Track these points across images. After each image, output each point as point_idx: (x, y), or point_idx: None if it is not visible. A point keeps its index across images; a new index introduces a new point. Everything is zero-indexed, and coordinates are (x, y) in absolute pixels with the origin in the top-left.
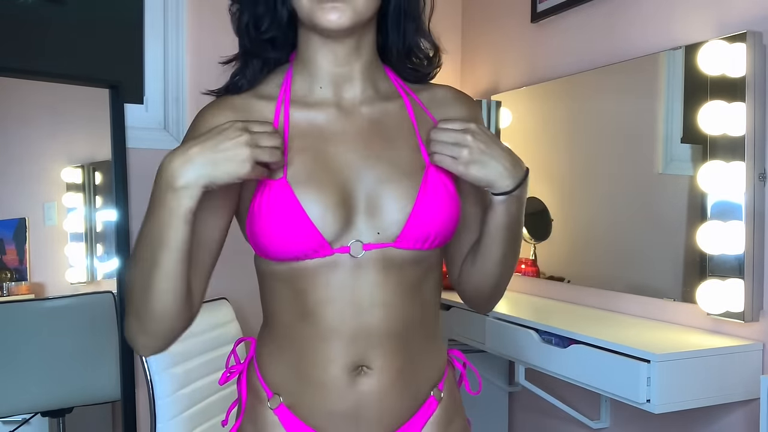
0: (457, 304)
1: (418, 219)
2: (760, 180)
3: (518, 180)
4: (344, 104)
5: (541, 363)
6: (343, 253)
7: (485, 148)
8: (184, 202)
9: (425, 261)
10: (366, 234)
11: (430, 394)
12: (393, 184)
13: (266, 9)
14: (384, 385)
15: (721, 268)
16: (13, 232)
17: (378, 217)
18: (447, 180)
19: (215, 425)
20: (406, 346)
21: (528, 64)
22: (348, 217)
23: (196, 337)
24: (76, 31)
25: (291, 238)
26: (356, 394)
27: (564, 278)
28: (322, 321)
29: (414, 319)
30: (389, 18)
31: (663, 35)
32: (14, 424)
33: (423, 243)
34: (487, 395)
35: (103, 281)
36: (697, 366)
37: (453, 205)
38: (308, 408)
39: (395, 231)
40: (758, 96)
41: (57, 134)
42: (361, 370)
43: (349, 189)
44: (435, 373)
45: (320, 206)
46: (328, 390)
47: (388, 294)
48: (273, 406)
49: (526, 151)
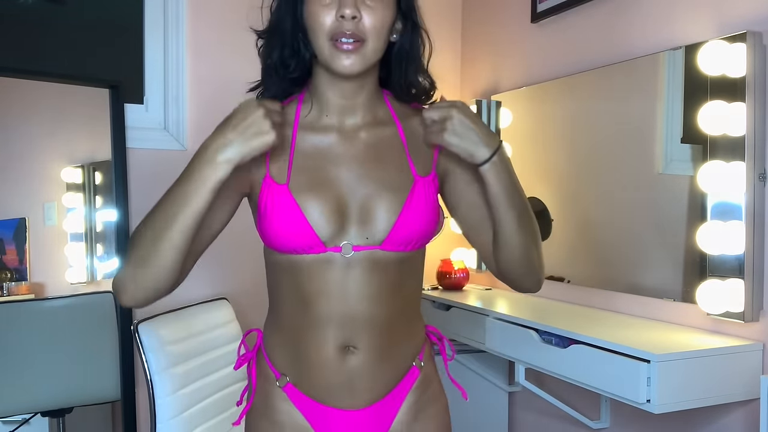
0: (458, 304)
1: (401, 227)
2: (760, 180)
3: (494, 148)
4: (346, 130)
5: (541, 363)
6: (335, 252)
7: (465, 121)
8: (219, 174)
9: (407, 261)
10: (356, 238)
11: (412, 365)
12: (381, 200)
13: (292, 52)
14: (369, 361)
15: (721, 268)
16: (13, 232)
17: (368, 225)
18: (430, 187)
19: (215, 425)
20: (388, 330)
21: (528, 64)
22: (342, 224)
23: (196, 337)
24: (76, 31)
25: (290, 234)
26: (347, 370)
27: (564, 278)
28: (316, 311)
29: (395, 309)
30: (392, 59)
31: (663, 35)
32: (14, 424)
33: (405, 246)
34: (487, 395)
35: (103, 281)
36: (697, 366)
37: (432, 213)
38: (310, 383)
39: (381, 237)
40: (758, 96)
41: (57, 134)
42: (349, 350)
43: (344, 201)
44: (414, 349)
45: (317, 211)
46: (324, 367)
47: (373, 289)
48: (281, 384)
49: (526, 151)
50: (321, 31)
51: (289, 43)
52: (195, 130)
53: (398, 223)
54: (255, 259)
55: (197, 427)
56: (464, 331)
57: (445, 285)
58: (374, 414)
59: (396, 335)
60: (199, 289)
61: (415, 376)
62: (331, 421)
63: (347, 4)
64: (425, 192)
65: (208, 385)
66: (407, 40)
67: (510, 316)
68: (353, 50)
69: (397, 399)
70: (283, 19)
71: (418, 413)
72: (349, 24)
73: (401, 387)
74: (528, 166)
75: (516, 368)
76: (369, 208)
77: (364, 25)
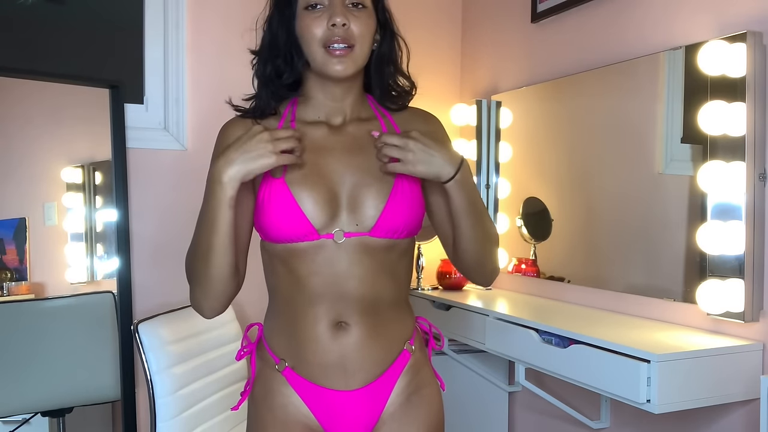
0: (458, 304)
1: (388, 214)
2: (760, 180)
3: (457, 166)
4: (335, 127)
5: (541, 363)
6: (328, 239)
7: (426, 149)
8: (228, 192)
9: (395, 248)
10: (347, 225)
11: (403, 348)
12: (369, 188)
13: (285, 62)
14: (360, 338)
15: (721, 268)
16: (13, 232)
17: (357, 212)
18: (413, 184)
19: (215, 425)
20: (377, 309)
21: (528, 64)
22: (333, 212)
23: (196, 337)
24: (76, 31)
25: (286, 224)
26: (339, 347)
27: (564, 278)
28: (310, 289)
29: (384, 290)
30: (372, 64)
31: (663, 35)
32: (14, 424)
33: (393, 233)
34: (487, 395)
35: (103, 281)
36: (697, 366)
37: (417, 203)
38: (306, 363)
39: (370, 223)
40: (758, 96)
41: (57, 134)
42: (341, 325)
43: (335, 191)
44: (405, 333)
45: (311, 202)
46: (317, 343)
47: (362, 270)
48: (280, 369)
49: (526, 151)
50: (314, 39)
51: (283, 53)
52: (195, 130)
53: (385, 211)
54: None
55: (197, 427)
56: (464, 331)
57: (445, 285)
58: (368, 395)
59: (385, 314)
60: None
61: (406, 359)
62: (328, 402)
63: (337, 14)
64: (408, 183)
65: (208, 385)
66: (386, 47)
67: (510, 316)
68: (344, 55)
69: (389, 381)
70: (276, 34)
71: (410, 395)
72: (340, 30)
73: (393, 369)
74: (528, 166)
75: (516, 368)
76: (357, 195)
77: (353, 32)
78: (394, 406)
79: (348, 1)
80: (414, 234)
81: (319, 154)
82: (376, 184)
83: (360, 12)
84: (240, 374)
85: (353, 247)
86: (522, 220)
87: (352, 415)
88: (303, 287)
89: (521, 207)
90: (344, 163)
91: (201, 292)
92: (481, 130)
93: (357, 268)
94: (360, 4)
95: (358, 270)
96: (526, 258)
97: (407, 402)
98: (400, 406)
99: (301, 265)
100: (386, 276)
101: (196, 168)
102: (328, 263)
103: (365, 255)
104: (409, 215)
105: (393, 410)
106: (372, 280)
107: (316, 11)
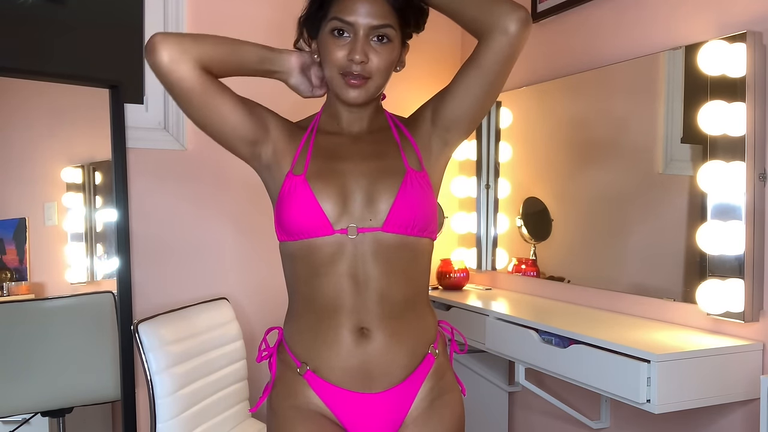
0: (458, 303)
1: (399, 208)
2: (760, 180)
3: None
4: (353, 134)
5: (541, 363)
6: (342, 234)
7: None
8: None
9: (410, 246)
10: (361, 221)
11: (427, 352)
12: (380, 185)
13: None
14: (384, 344)
15: (721, 268)
16: (13, 232)
17: (370, 208)
18: (423, 180)
19: (215, 425)
20: (398, 312)
21: (528, 64)
22: (348, 208)
23: (196, 337)
24: (76, 31)
25: (303, 216)
26: (363, 353)
27: (564, 278)
28: (329, 290)
29: (402, 291)
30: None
31: (663, 35)
32: (14, 424)
33: (405, 229)
34: (487, 395)
35: (103, 281)
36: (697, 366)
37: (427, 197)
38: (328, 368)
39: (383, 218)
40: (758, 96)
41: (57, 134)
42: (363, 332)
43: (350, 189)
44: (428, 336)
45: (328, 198)
46: (340, 348)
47: (378, 270)
48: (302, 372)
49: (526, 151)
50: (333, 65)
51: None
52: (195, 130)
53: (396, 204)
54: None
55: (197, 427)
56: (464, 331)
57: (445, 285)
58: (392, 398)
59: (406, 317)
60: (199, 289)
61: (431, 363)
62: (351, 404)
63: (357, 51)
64: (418, 182)
65: (208, 385)
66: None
67: (510, 316)
68: (359, 85)
69: (414, 385)
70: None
71: (434, 400)
72: (357, 67)
73: (418, 373)
74: (528, 166)
75: (516, 368)
76: (371, 192)
77: (371, 67)
78: (417, 411)
79: (374, 35)
80: (427, 233)
81: (337, 160)
82: (388, 180)
83: (383, 47)
84: (240, 374)
85: (368, 245)
86: (522, 220)
87: (376, 418)
88: (322, 288)
89: (521, 207)
90: (360, 167)
91: (181, 39)
92: (481, 130)
93: (373, 268)
94: (385, 37)
95: (374, 270)
96: (526, 258)
97: (430, 407)
98: (424, 411)
99: (319, 265)
100: (403, 277)
101: (195, 168)
102: (345, 263)
103: (381, 255)
104: (420, 209)
105: (417, 414)
106: (389, 282)
107: (342, 39)
